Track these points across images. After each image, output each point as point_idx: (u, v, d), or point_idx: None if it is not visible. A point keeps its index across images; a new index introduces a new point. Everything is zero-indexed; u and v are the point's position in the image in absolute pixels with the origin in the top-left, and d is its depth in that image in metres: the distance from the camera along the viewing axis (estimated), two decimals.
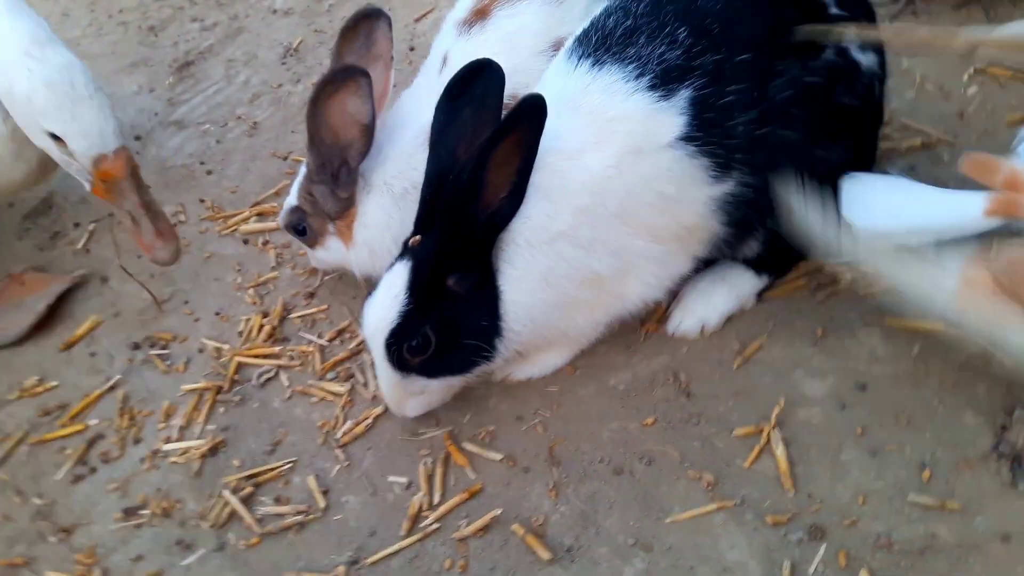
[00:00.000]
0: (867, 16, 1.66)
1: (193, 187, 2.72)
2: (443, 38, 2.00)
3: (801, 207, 1.56)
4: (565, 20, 1.84)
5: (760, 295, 1.82)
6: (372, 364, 1.94)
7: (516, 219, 1.58)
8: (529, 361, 1.81)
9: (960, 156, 1.85)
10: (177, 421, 1.96)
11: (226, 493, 1.77)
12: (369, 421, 1.83)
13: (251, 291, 2.26)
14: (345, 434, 1.82)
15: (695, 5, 1.58)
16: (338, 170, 1.88)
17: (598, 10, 1.71)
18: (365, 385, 1.93)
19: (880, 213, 1.55)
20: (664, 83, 1.54)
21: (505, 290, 1.61)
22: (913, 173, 1.97)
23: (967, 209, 1.37)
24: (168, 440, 1.92)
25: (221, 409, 1.98)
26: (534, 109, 1.47)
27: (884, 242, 1.51)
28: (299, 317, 2.16)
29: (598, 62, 1.60)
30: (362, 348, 2.02)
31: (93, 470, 1.90)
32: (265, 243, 2.42)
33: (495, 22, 1.89)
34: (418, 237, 1.63)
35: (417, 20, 3.21)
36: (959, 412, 1.52)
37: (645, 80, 1.55)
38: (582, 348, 1.81)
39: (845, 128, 1.64)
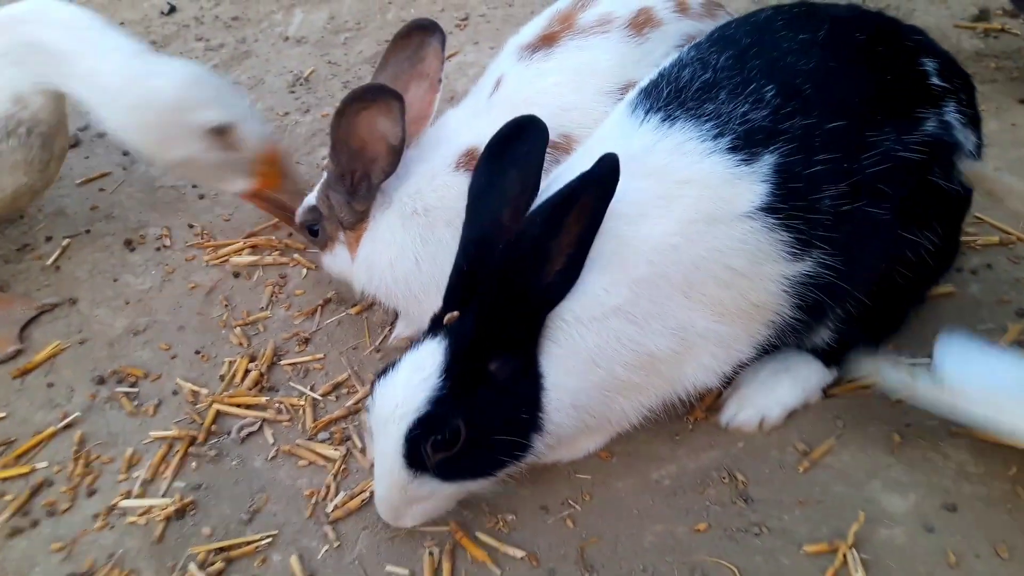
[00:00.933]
0: (968, 89, 1.49)
1: (182, 211, 2.50)
2: (500, 61, 1.82)
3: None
4: (642, 63, 1.66)
5: (826, 391, 1.61)
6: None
7: None
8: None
9: None
10: (140, 473, 1.69)
11: (192, 567, 1.49)
12: (366, 495, 1.56)
13: (238, 330, 2.01)
14: (337, 508, 1.56)
15: (785, 62, 1.39)
16: (358, 183, 1.74)
17: (668, 61, 1.52)
18: (363, 451, 1.66)
19: (981, 383, 1.36)
20: (746, 146, 1.35)
21: (548, 374, 1.38)
22: (991, 271, 1.78)
23: None
24: (128, 495, 1.65)
25: (193, 464, 1.71)
26: (609, 172, 1.27)
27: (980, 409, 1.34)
28: (290, 364, 1.91)
29: (669, 117, 1.41)
30: (360, 408, 1.77)
31: (35, 523, 1.62)
32: (258, 279, 2.17)
33: (562, 52, 1.71)
34: (455, 313, 1.39)
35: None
36: None
37: (724, 141, 1.36)
38: (620, 432, 1.57)
39: (937, 213, 1.44)
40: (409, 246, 1.74)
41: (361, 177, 1.73)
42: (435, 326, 1.41)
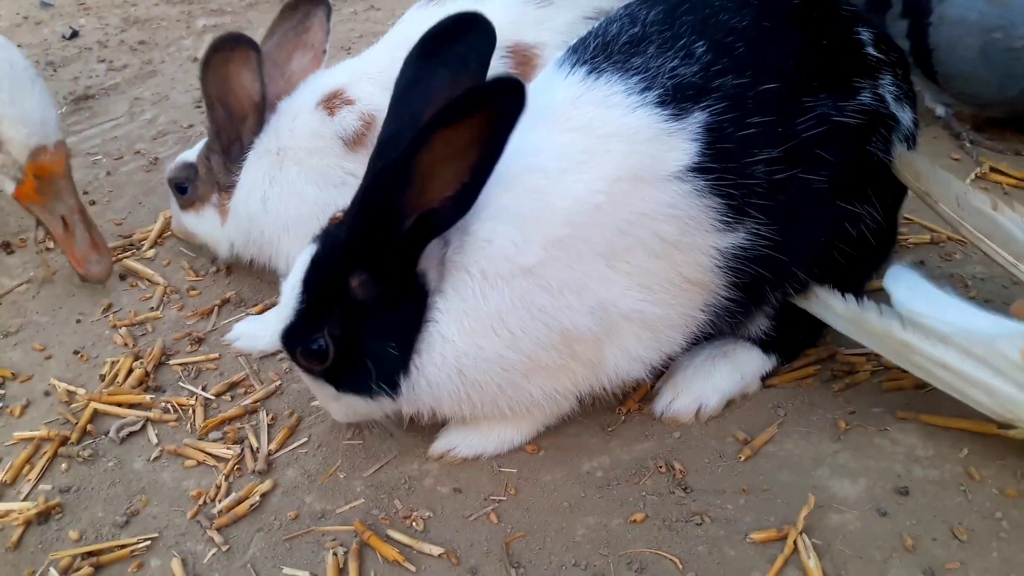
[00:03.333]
0: (902, 64, 1.45)
1: None
2: (410, 10, 1.76)
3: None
4: (542, 27, 1.59)
5: (764, 380, 1.51)
6: (268, 426, 1.52)
7: (474, 242, 1.23)
8: (476, 432, 1.42)
9: (970, 255, 1.74)
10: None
11: (52, 573, 1.27)
12: (256, 500, 1.37)
13: (124, 331, 1.82)
14: (224, 512, 1.36)
15: (718, 19, 1.32)
16: (231, 143, 1.69)
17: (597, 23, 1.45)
18: (256, 453, 1.48)
19: (928, 304, 1.31)
20: (675, 101, 1.25)
21: (439, 324, 1.25)
22: (924, 268, 1.74)
23: (1005, 347, 1.22)
24: None
25: (63, 465, 1.49)
26: (510, 92, 1.09)
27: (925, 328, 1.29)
28: (180, 364, 1.72)
29: (595, 70, 1.31)
30: (257, 407, 1.59)
31: None
32: (149, 280, 1.98)
33: (460, 3, 1.60)
34: (339, 215, 1.28)
35: None
36: None
37: (652, 95, 1.26)
38: (545, 424, 1.43)
39: (876, 187, 1.38)
40: (258, 185, 1.67)
41: (234, 137, 1.68)
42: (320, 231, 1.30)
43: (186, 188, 1.80)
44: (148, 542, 1.33)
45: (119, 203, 2.35)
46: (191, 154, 1.81)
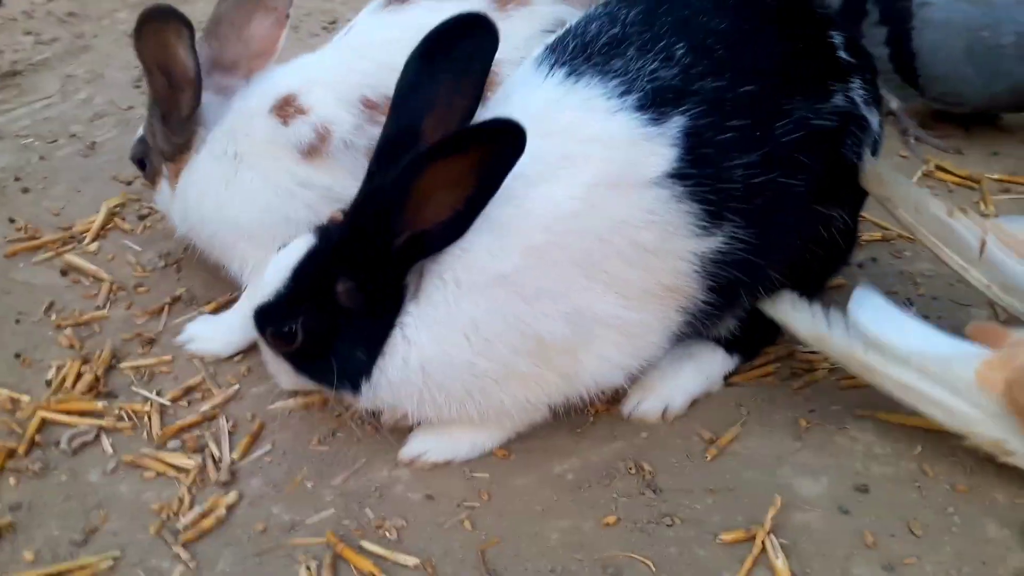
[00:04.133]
0: (871, 69, 1.47)
1: (2, 204, 2.19)
2: (363, 12, 1.70)
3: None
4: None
5: (727, 379, 1.54)
6: (229, 433, 1.50)
7: (450, 250, 1.24)
8: (444, 437, 1.42)
9: (920, 253, 1.79)
10: None
11: None
12: (221, 512, 1.35)
13: (68, 331, 1.76)
14: (189, 527, 1.33)
15: (696, 21, 1.32)
16: (170, 112, 1.63)
17: (570, 23, 1.43)
18: (218, 463, 1.45)
19: (890, 328, 1.35)
20: (655, 105, 1.25)
21: (408, 329, 1.26)
22: (876, 264, 1.79)
23: (960, 369, 1.28)
24: None
25: (11, 480, 1.44)
26: (508, 135, 1.14)
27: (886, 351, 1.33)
28: (132, 368, 1.67)
29: (575, 72, 1.30)
30: (217, 414, 1.55)
31: None
32: (92, 277, 1.91)
33: (413, 10, 1.60)
34: (339, 214, 1.30)
35: None
36: (979, 522, 1.27)
37: (632, 98, 1.26)
38: (517, 431, 1.43)
39: (848, 189, 1.41)
40: (213, 187, 1.62)
41: (172, 106, 1.62)
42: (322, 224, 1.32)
43: (145, 164, 1.76)
44: (111, 561, 1.30)
45: (55, 191, 2.25)
46: (141, 129, 1.77)
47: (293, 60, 1.68)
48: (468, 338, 1.25)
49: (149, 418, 1.55)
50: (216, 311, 1.80)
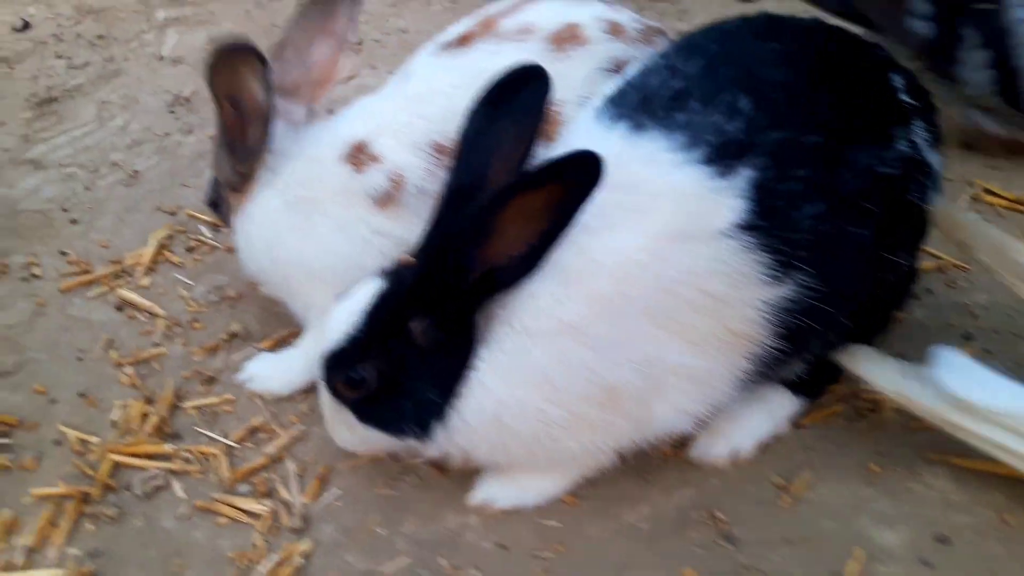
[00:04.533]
0: (932, 108, 1.48)
1: (51, 236, 2.23)
2: (420, 55, 1.70)
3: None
4: (561, 79, 1.54)
5: (793, 421, 1.56)
6: (298, 476, 1.52)
7: (518, 296, 1.26)
8: (512, 483, 1.44)
9: (975, 283, 1.79)
10: (23, 540, 1.43)
11: None
12: (298, 560, 1.38)
13: (129, 369, 1.78)
14: (270, 574, 1.36)
15: (758, 73, 1.34)
16: (235, 141, 1.62)
17: (632, 70, 1.45)
18: (290, 508, 1.47)
19: (977, 388, 1.35)
20: (721, 158, 1.27)
21: (481, 373, 1.28)
22: (932, 296, 1.79)
23: None
24: (9, 567, 1.38)
25: (89, 526, 1.46)
26: (588, 166, 1.17)
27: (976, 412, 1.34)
28: (195, 408, 1.69)
29: (638, 125, 1.32)
30: (283, 456, 1.58)
31: None
32: (148, 312, 1.94)
33: (472, 54, 1.60)
34: (410, 258, 1.32)
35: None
36: None
37: (698, 152, 1.28)
38: (584, 476, 1.45)
39: (913, 233, 1.43)
40: (285, 234, 1.62)
41: (240, 136, 1.61)
42: (390, 266, 1.35)
43: (219, 204, 1.76)
44: None
45: (102, 222, 2.27)
46: (211, 168, 1.76)
47: (354, 104, 1.69)
48: (538, 385, 1.27)
49: (217, 461, 1.57)
50: (272, 348, 1.82)
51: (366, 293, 1.31)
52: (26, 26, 3.57)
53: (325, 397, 1.38)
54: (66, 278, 2.05)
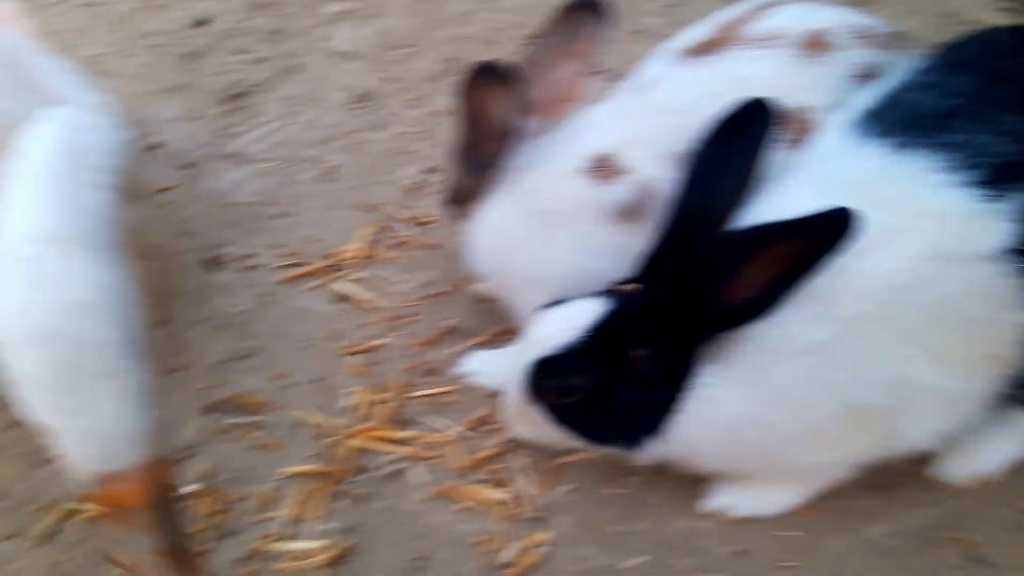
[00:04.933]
0: None
1: (262, 230, 2.36)
2: (654, 62, 1.71)
3: None
4: (810, 88, 1.56)
5: None
6: (533, 468, 1.61)
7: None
8: (749, 492, 1.49)
9: None
10: (282, 513, 1.56)
11: None
12: (540, 550, 1.46)
13: (355, 358, 1.89)
14: (512, 563, 1.45)
15: None
16: (471, 157, 1.69)
17: (888, 82, 1.44)
18: (526, 499, 1.56)
19: None
20: (992, 180, 1.27)
21: (709, 388, 1.33)
22: None
23: None
24: (272, 537, 1.51)
25: (340, 504, 1.58)
26: (845, 225, 1.18)
27: None
28: (422, 397, 1.80)
29: (903, 145, 1.33)
30: (513, 448, 1.66)
31: None
32: (366, 304, 2.05)
33: (722, 62, 1.60)
34: (636, 286, 1.38)
35: None
36: None
37: (967, 174, 1.27)
38: (821, 488, 1.49)
39: None
40: (517, 243, 1.67)
41: (475, 153, 1.67)
42: (612, 289, 1.41)
43: (457, 204, 1.81)
44: None
45: (306, 217, 2.40)
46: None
47: (585, 115, 1.72)
48: (776, 402, 1.31)
49: (450, 449, 1.67)
50: (488, 344, 1.91)
51: (588, 309, 1.37)
52: (203, 22, 3.76)
53: (515, 391, 1.45)
54: (283, 270, 2.18)
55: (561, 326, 1.39)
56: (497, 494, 1.56)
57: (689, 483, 1.53)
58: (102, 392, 0.97)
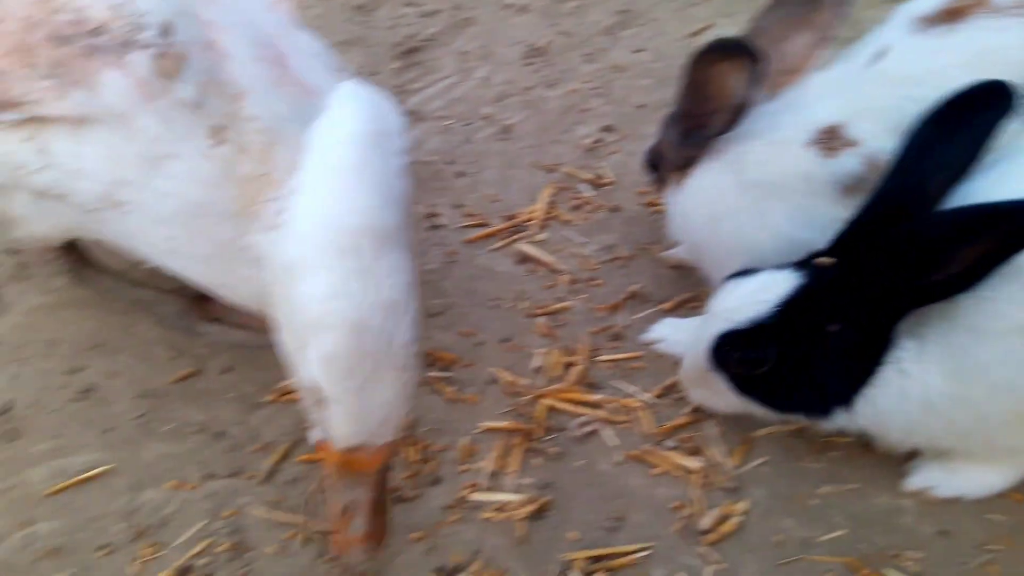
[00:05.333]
0: None
1: (443, 189, 2.44)
2: (888, 29, 1.64)
3: None
4: None
5: None
6: (724, 439, 1.63)
7: (969, 296, 1.27)
8: (954, 472, 1.48)
9: None
10: (483, 465, 1.64)
11: (570, 574, 1.44)
12: (737, 518, 1.49)
13: (541, 320, 1.95)
14: (710, 529, 1.49)
15: None
16: (692, 129, 1.68)
17: None
18: (721, 468, 1.59)
19: None
20: None
21: (907, 364, 1.33)
22: None
23: None
24: (475, 488, 1.60)
25: (536, 461, 1.65)
26: None
27: None
28: (609, 361, 1.84)
29: None
30: (704, 417, 1.69)
31: None
32: (547, 266, 2.10)
33: (966, 31, 1.51)
34: (831, 260, 1.38)
35: (692, 35, 2.90)
36: None
37: None
38: None
39: None
40: (733, 213, 1.66)
41: (696, 125, 1.66)
42: (804, 261, 1.41)
43: (657, 170, 1.85)
44: (646, 552, 1.48)
45: (486, 176, 2.46)
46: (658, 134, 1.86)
47: (808, 84, 1.68)
48: (978, 380, 1.29)
49: (640, 414, 1.71)
50: (674, 310, 1.93)
51: (778, 283, 1.39)
52: None
53: (698, 358, 1.49)
54: (467, 230, 2.25)
55: (751, 297, 1.41)
56: (691, 462, 1.59)
57: (891, 460, 1.53)
58: (386, 382, 1.06)
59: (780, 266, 1.44)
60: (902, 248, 1.28)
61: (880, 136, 1.51)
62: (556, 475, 1.62)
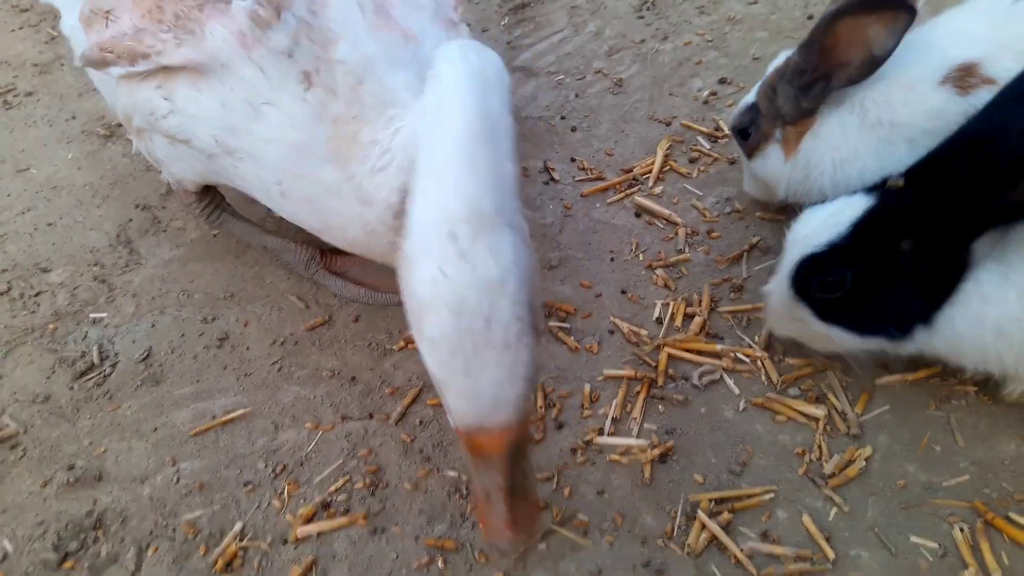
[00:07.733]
0: None
1: (557, 144, 2.48)
2: None
3: None
4: None
5: None
6: (845, 388, 1.65)
7: None
8: None
9: None
10: (606, 411, 1.71)
11: (700, 515, 1.50)
12: (861, 463, 1.52)
13: (660, 271, 1.99)
14: (835, 473, 1.52)
15: None
16: (815, 81, 1.67)
17: None
18: (843, 416, 1.61)
19: None
20: None
21: (986, 286, 1.36)
22: None
23: None
24: (599, 432, 1.67)
25: (659, 407, 1.71)
26: None
27: None
28: (730, 312, 1.87)
29: None
30: (828, 366, 1.71)
31: None
32: (663, 220, 2.13)
33: None
34: (900, 180, 1.41)
35: None
36: None
37: None
38: None
39: None
40: (860, 155, 1.67)
41: (821, 76, 1.65)
42: (876, 186, 1.46)
43: (749, 133, 1.84)
44: (771, 494, 1.53)
45: (600, 130, 2.49)
46: (749, 96, 1.85)
47: (949, 22, 1.65)
48: None
49: (762, 363, 1.74)
50: None
51: (850, 208, 1.43)
52: None
53: (779, 292, 1.56)
54: (582, 184, 2.30)
55: (826, 222, 1.46)
56: (814, 409, 1.62)
57: (1016, 409, 1.52)
58: (495, 362, 1.04)
59: (854, 192, 1.49)
60: (973, 165, 1.30)
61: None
62: (679, 421, 1.67)
